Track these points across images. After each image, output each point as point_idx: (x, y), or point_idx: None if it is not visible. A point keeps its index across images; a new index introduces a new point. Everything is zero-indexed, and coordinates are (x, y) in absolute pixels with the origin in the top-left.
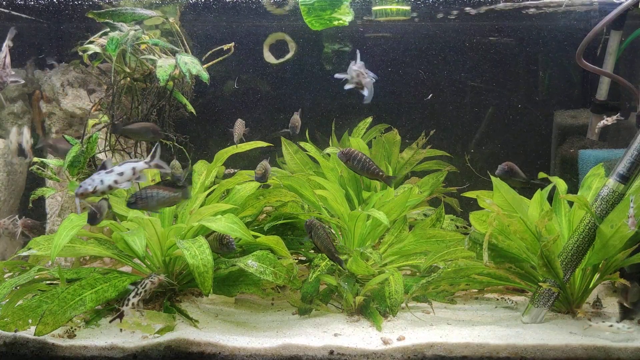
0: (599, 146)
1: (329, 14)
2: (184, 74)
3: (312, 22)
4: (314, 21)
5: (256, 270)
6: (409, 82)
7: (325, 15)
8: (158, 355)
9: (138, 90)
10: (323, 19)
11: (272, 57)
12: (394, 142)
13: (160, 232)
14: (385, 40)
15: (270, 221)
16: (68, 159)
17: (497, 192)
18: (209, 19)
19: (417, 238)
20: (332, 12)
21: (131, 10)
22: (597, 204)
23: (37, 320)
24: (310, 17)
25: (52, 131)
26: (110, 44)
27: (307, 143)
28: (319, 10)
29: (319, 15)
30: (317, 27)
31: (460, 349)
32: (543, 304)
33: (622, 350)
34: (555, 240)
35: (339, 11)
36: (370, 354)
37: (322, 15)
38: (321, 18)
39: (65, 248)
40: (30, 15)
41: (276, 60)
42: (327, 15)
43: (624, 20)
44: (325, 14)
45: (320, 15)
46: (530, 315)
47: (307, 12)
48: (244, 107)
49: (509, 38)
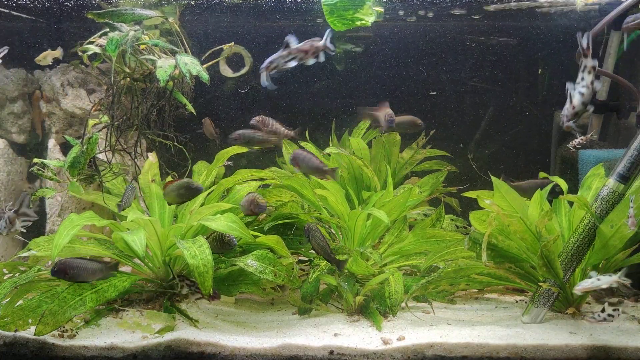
0: (599, 146)
1: (352, 14)
2: (184, 75)
3: (334, 22)
4: (337, 21)
5: (256, 270)
6: (409, 82)
7: (348, 15)
8: (158, 355)
9: (138, 91)
10: (345, 19)
11: (228, 71)
12: (394, 142)
13: (160, 232)
14: (386, 40)
15: (270, 221)
16: (68, 159)
17: (497, 192)
18: (209, 19)
19: (417, 238)
20: (355, 12)
21: (131, 11)
22: (597, 204)
23: (37, 320)
24: (332, 17)
25: (52, 131)
26: (110, 45)
27: (307, 143)
28: (342, 10)
29: (342, 15)
30: (340, 27)
31: (460, 349)
32: (543, 304)
33: (622, 350)
34: (555, 240)
35: (361, 11)
36: (370, 354)
37: (344, 15)
38: (344, 18)
39: (65, 248)
40: (30, 15)
41: (233, 74)
42: (350, 15)
43: (624, 21)
44: (348, 14)
45: (342, 15)
46: (530, 315)
47: (330, 12)
48: (244, 107)
49: (508, 38)
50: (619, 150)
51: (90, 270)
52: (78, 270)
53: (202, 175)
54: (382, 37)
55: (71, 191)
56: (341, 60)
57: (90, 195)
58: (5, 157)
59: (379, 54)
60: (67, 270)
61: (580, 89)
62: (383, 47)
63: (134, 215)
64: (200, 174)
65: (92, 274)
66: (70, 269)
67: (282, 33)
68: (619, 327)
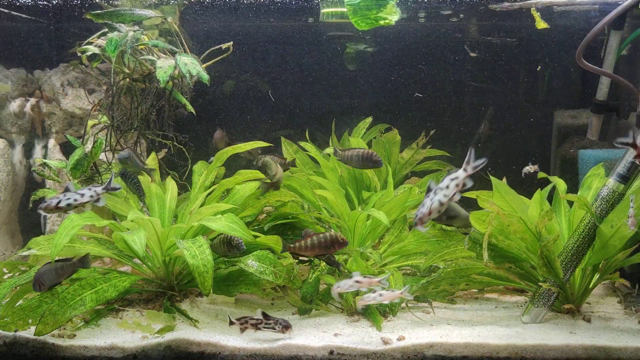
0: (599, 146)
1: (375, 14)
2: (184, 75)
3: (358, 22)
4: (360, 21)
5: (256, 270)
6: (410, 82)
7: (372, 15)
8: (158, 355)
9: (137, 91)
10: (369, 19)
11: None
12: (394, 142)
13: (160, 232)
14: (386, 40)
15: (270, 221)
16: (71, 161)
17: (497, 192)
18: (209, 19)
19: (417, 238)
20: (378, 12)
21: (130, 11)
22: (597, 204)
23: (37, 320)
24: (356, 17)
25: (52, 131)
26: (109, 45)
27: (307, 143)
28: (365, 10)
29: (365, 15)
30: (364, 26)
31: (460, 349)
32: (543, 304)
33: (622, 350)
34: (555, 240)
35: (385, 10)
36: (370, 354)
37: (368, 15)
38: (367, 18)
39: (65, 248)
40: (30, 15)
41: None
42: (373, 14)
43: (624, 20)
44: (371, 13)
45: (366, 14)
46: (530, 315)
47: (353, 12)
48: (244, 107)
49: (508, 38)
50: (619, 150)
51: (57, 271)
52: (48, 276)
53: (202, 175)
54: (382, 37)
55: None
56: (353, 60)
57: None
58: (5, 157)
59: (379, 54)
60: (41, 281)
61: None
62: (383, 47)
63: (133, 215)
64: (200, 174)
65: (62, 274)
66: (42, 278)
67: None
68: (619, 327)
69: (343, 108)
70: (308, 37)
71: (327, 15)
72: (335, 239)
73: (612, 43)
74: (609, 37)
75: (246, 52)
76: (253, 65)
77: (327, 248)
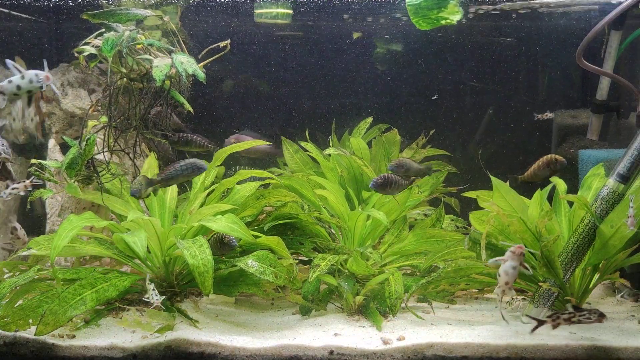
0: (599, 146)
1: (436, 14)
2: (181, 74)
3: (419, 22)
4: (421, 21)
5: (256, 271)
6: (410, 82)
7: (432, 15)
8: (158, 355)
9: (135, 91)
10: (430, 19)
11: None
12: (394, 142)
13: (160, 232)
14: (386, 40)
15: (270, 221)
16: (66, 160)
17: (497, 192)
18: (209, 19)
19: (417, 238)
20: (439, 12)
21: (126, 11)
22: (597, 204)
23: (37, 320)
24: (417, 17)
25: (52, 131)
26: (105, 45)
27: (307, 143)
28: (426, 10)
29: (426, 15)
30: (425, 26)
31: (460, 349)
32: (543, 304)
33: (622, 350)
34: (555, 240)
35: (446, 10)
36: (370, 354)
37: (429, 15)
38: (428, 18)
39: (66, 248)
40: (30, 15)
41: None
42: (434, 14)
43: (624, 20)
44: (432, 13)
45: (427, 14)
46: None
47: (414, 12)
48: (244, 107)
49: (508, 38)
50: (619, 150)
51: None
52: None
53: (202, 175)
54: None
55: (68, 192)
56: (384, 60)
57: (89, 195)
58: (5, 151)
59: (379, 54)
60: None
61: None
62: (384, 47)
63: (134, 215)
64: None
65: None
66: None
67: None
68: (619, 327)
69: (343, 108)
70: (311, 37)
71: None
72: None
73: (612, 43)
74: (609, 37)
75: (246, 52)
76: (254, 65)
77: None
